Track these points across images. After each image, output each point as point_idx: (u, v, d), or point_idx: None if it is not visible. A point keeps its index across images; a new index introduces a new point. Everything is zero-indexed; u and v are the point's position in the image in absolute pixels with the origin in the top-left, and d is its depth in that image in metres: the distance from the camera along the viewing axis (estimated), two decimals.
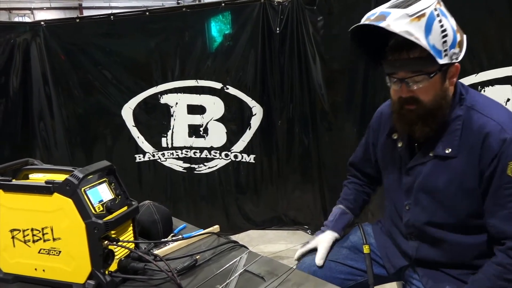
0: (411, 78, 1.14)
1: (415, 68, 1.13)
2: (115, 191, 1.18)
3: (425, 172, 1.22)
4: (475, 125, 1.14)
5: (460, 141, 1.16)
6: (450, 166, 1.17)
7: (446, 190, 1.19)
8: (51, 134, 3.30)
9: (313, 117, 3.00)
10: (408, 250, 1.32)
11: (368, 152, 1.49)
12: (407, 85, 1.15)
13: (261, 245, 3.05)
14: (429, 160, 1.21)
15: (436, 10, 1.09)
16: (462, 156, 1.15)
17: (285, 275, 1.13)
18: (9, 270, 1.17)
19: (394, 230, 1.38)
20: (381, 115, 1.43)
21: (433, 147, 1.20)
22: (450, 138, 1.17)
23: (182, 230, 1.49)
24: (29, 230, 1.12)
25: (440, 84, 1.15)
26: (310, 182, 3.15)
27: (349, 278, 1.38)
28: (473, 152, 1.14)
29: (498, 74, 2.05)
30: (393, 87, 1.20)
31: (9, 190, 1.13)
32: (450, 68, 1.15)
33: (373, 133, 1.45)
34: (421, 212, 1.25)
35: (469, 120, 1.16)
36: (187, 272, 1.17)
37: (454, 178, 1.17)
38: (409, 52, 1.12)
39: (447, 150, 1.17)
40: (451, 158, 1.17)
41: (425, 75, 1.13)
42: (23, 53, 3.13)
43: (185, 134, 3.20)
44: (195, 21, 3.05)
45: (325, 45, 2.82)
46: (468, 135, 1.15)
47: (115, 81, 3.17)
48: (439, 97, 1.15)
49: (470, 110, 1.17)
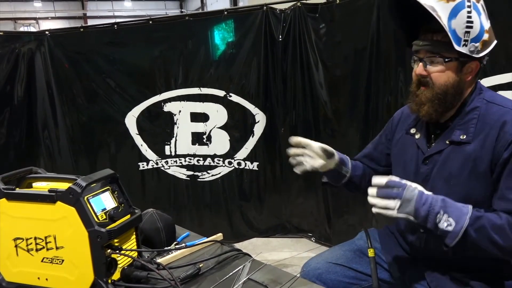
0: (428, 58, 1.21)
1: (434, 50, 1.20)
2: (118, 199, 1.18)
3: (442, 160, 1.25)
4: (494, 115, 1.18)
5: (475, 129, 1.19)
6: (464, 151, 1.20)
7: (459, 175, 1.20)
8: (55, 142, 3.32)
9: (316, 123, 3.00)
10: (416, 243, 1.32)
11: (378, 147, 1.51)
12: (424, 65, 1.22)
13: (265, 253, 3.04)
14: (445, 148, 1.24)
15: (470, 2, 1.14)
16: (476, 142, 1.18)
17: (288, 283, 1.12)
18: (12, 279, 1.17)
19: (405, 224, 1.37)
20: (402, 113, 1.47)
21: (450, 136, 1.24)
22: (466, 126, 1.21)
23: (185, 238, 1.48)
24: (32, 239, 1.12)
25: (454, 72, 1.20)
26: (314, 189, 3.14)
27: (353, 282, 1.39)
28: (489, 139, 1.16)
29: (501, 80, 2.04)
30: (415, 67, 1.27)
31: (12, 199, 1.13)
32: (469, 63, 1.20)
33: (391, 128, 1.48)
34: None
35: (487, 111, 1.20)
36: (190, 280, 1.16)
37: (467, 163, 1.19)
38: (433, 35, 1.20)
39: (462, 136, 1.21)
40: (465, 144, 1.20)
41: (441, 58, 1.19)
42: (28, 62, 3.17)
43: (188, 142, 3.21)
44: (198, 29, 3.08)
45: (328, 52, 2.83)
46: (485, 124, 1.18)
47: (119, 89, 3.19)
48: (450, 85, 1.20)
49: (489, 104, 1.21)
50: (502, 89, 2.04)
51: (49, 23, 20.53)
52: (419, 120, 1.35)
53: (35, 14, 21.40)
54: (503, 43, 2.02)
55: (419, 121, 1.35)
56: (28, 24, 21.68)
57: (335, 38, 2.79)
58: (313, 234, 3.23)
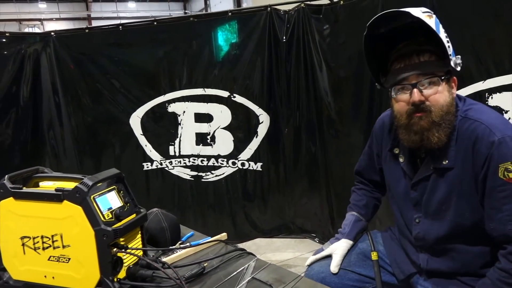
0: (423, 81, 1.14)
1: (427, 71, 1.14)
2: (124, 199, 1.19)
3: (430, 186, 1.22)
4: (467, 132, 1.15)
5: (455, 151, 1.16)
6: (448, 177, 1.18)
7: (449, 201, 1.19)
8: (60, 143, 3.33)
9: (320, 124, 3.01)
10: (418, 261, 1.31)
11: (372, 159, 1.50)
12: (419, 90, 1.15)
13: (269, 253, 3.04)
14: (431, 173, 1.22)
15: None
16: (458, 165, 1.16)
17: (293, 282, 1.13)
18: (19, 277, 1.18)
19: (405, 241, 1.38)
20: (383, 124, 1.41)
21: (433, 160, 1.20)
22: (447, 150, 1.17)
23: (190, 238, 1.49)
24: (39, 238, 1.13)
25: (447, 91, 1.16)
26: (317, 190, 3.15)
27: (357, 285, 1.38)
28: (466, 159, 1.14)
29: (505, 81, 2.04)
30: (401, 97, 1.18)
31: (19, 198, 1.14)
32: (452, 77, 1.18)
33: (377, 143, 1.44)
34: (430, 225, 1.25)
35: (462, 128, 1.16)
36: (195, 279, 1.17)
37: (454, 189, 1.17)
38: (419, 56, 1.15)
39: (444, 162, 1.18)
40: (449, 170, 1.17)
41: (437, 78, 1.14)
42: (34, 63, 3.19)
43: (192, 142, 3.22)
44: (203, 30, 3.09)
45: (331, 53, 2.84)
46: (462, 143, 1.15)
47: (124, 90, 3.21)
48: (448, 103, 1.16)
49: (463, 119, 1.17)
50: (506, 90, 2.04)
51: (54, 24, 20.65)
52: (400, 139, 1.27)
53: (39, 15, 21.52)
54: (507, 44, 2.03)
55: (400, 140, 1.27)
56: (32, 25, 21.80)
57: (339, 39, 2.79)
58: (316, 235, 3.23)
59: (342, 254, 1.39)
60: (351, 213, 1.52)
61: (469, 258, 1.21)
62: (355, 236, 1.46)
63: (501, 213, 1.11)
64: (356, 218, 1.49)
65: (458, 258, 1.23)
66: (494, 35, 2.02)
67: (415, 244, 1.31)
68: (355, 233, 1.46)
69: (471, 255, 1.21)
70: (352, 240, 1.45)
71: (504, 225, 1.10)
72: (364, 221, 1.50)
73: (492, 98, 2.06)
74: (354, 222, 1.48)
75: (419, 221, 1.28)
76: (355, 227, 1.47)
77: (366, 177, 1.56)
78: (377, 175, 1.51)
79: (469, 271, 1.23)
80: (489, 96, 2.07)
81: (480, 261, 1.21)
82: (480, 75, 2.07)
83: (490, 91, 2.06)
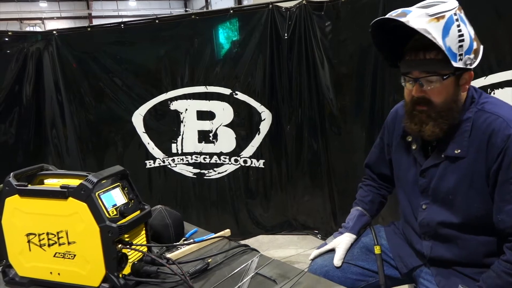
0: (424, 78, 1.17)
1: (429, 69, 1.16)
2: (128, 196, 1.20)
3: (438, 174, 1.24)
4: (483, 125, 1.16)
5: (469, 142, 1.18)
6: (460, 166, 1.19)
7: (458, 190, 1.20)
8: (63, 141, 3.34)
9: (322, 121, 3.01)
10: (422, 250, 1.32)
11: (383, 151, 1.51)
12: (420, 85, 1.18)
13: (271, 250, 3.05)
14: (441, 161, 1.23)
15: (456, 15, 1.12)
16: (470, 156, 1.18)
17: (296, 277, 1.14)
18: (25, 274, 1.19)
19: (409, 230, 1.39)
20: (396, 114, 1.44)
21: (445, 149, 1.22)
22: (459, 139, 1.19)
23: (193, 234, 1.50)
24: (44, 234, 1.14)
25: (452, 88, 1.17)
26: (320, 187, 3.15)
27: (360, 279, 1.39)
28: (480, 151, 1.16)
29: (507, 76, 2.04)
30: (407, 87, 1.23)
31: (25, 195, 1.15)
32: (463, 74, 1.18)
33: (388, 134, 1.46)
34: (436, 212, 1.27)
35: (478, 121, 1.18)
36: (199, 275, 1.18)
37: (464, 178, 1.19)
38: (425, 53, 1.16)
39: (457, 151, 1.19)
40: (460, 159, 1.19)
41: (439, 77, 1.16)
42: (36, 62, 3.19)
43: (194, 140, 3.23)
44: (204, 28, 3.09)
45: (333, 50, 2.84)
46: (477, 135, 1.17)
47: (126, 88, 3.21)
48: (450, 100, 1.18)
49: (479, 112, 1.19)
50: (508, 86, 2.04)
51: (55, 23, 20.65)
52: None
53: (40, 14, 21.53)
54: (509, 40, 2.03)
55: None
56: (34, 24, 21.81)
57: (341, 36, 2.80)
58: (319, 231, 3.24)
59: (345, 248, 1.41)
60: (355, 208, 1.53)
61: (473, 246, 1.23)
62: (358, 231, 1.47)
63: (510, 206, 1.12)
64: (360, 213, 1.51)
65: (462, 245, 1.24)
66: (496, 31, 2.02)
67: (419, 232, 1.32)
68: (359, 227, 1.48)
69: (476, 243, 1.22)
70: (356, 234, 1.46)
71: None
72: (368, 217, 1.51)
73: (494, 93, 2.07)
74: (358, 216, 1.49)
75: (426, 207, 1.29)
76: (359, 221, 1.48)
77: (375, 170, 1.57)
78: (386, 168, 1.51)
79: (472, 260, 1.24)
80: (491, 92, 2.07)
81: (484, 249, 1.22)
82: (482, 70, 2.08)
83: (492, 87, 2.06)
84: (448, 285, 1.24)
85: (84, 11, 22.36)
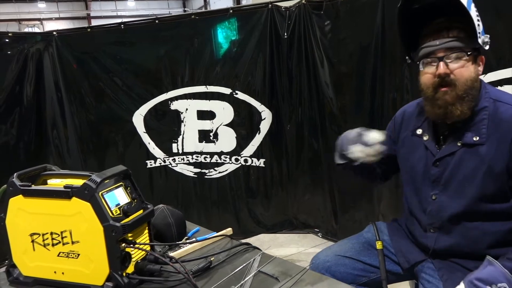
0: (449, 55, 1.20)
1: (455, 45, 1.19)
2: (131, 195, 1.20)
3: (454, 162, 1.25)
4: (504, 115, 1.19)
5: (487, 130, 1.20)
6: (478, 153, 1.21)
7: (474, 176, 1.22)
8: (64, 142, 3.35)
9: (322, 120, 3.02)
10: (427, 242, 1.33)
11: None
12: (446, 63, 1.20)
13: (273, 249, 3.06)
14: (457, 149, 1.25)
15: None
16: (489, 143, 1.19)
17: (298, 275, 1.15)
18: (29, 273, 1.20)
19: (413, 224, 1.39)
20: (404, 113, 1.47)
21: (461, 137, 1.24)
22: (477, 127, 1.22)
23: (195, 233, 1.51)
24: (48, 234, 1.15)
25: (473, 67, 1.21)
26: (320, 185, 3.16)
27: (362, 274, 1.41)
28: (503, 140, 1.17)
29: (507, 74, 2.05)
30: (428, 70, 1.24)
31: (28, 195, 1.16)
32: (479, 56, 1.23)
33: (394, 129, 1.48)
34: (447, 202, 1.28)
35: (496, 111, 1.21)
36: (202, 273, 1.19)
37: (482, 165, 1.20)
38: (448, 32, 1.20)
39: (475, 138, 1.21)
40: (479, 145, 1.21)
41: (463, 53, 1.19)
42: (36, 63, 3.20)
43: (195, 140, 3.24)
44: (204, 28, 3.10)
45: (333, 49, 2.85)
46: (496, 124, 1.19)
47: (126, 88, 3.22)
48: (473, 79, 1.21)
49: (496, 102, 1.22)
50: (507, 84, 2.05)
51: (53, 24, 20.62)
52: (424, 121, 1.35)
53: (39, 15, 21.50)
54: (508, 38, 2.04)
55: (424, 122, 1.35)
56: (32, 25, 21.78)
57: (340, 35, 2.80)
58: (319, 230, 3.25)
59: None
60: None
61: (478, 236, 1.24)
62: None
63: None
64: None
65: (467, 235, 1.25)
66: (495, 29, 2.03)
67: (426, 223, 1.33)
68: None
69: (481, 232, 1.24)
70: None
71: None
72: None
73: None
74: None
75: (436, 197, 1.30)
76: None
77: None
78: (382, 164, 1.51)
79: (475, 250, 1.24)
80: None
81: (488, 239, 1.23)
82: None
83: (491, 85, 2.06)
84: (452, 278, 1.24)
85: (82, 11, 22.33)
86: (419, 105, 1.39)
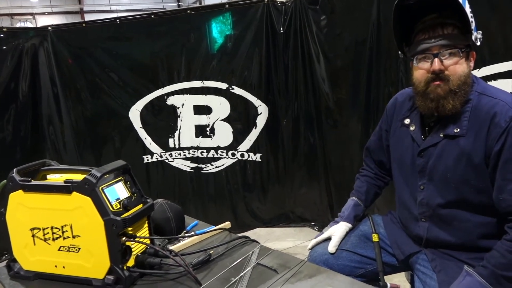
0: (444, 52, 1.22)
1: (450, 42, 1.22)
2: (131, 189, 1.22)
3: (437, 153, 1.28)
4: (485, 107, 1.22)
5: (468, 122, 1.23)
6: (458, 144, 1.24)
7: (455, 168, 1.24)
8: (60, 137, 3.35)
9: (318, 115, 3.03)
10: (419, 232, 1.36)
11: (381, 139, 1.55)
12: (440, 60, 1.22)
13: (269, 243, 3.09)
14: (440, 141, 1.28)
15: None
16: (470, 134, 1.22)
17: (297, 267, 1.17)
18: (30, 267, 1.21)
19: (406, 215, 1.42)
20: (395, 100, 1.49)
21: (444, 129, 1.27)
22: (459, 120, 1.24)
23: (194, 227, 1.53)
24: (49, 229, 1.16)
25: (466, 63, 1.24)
26: (316, 179, 3.18)
27: (359, 266, 1.43)
28: (481, 130, 1.20)
29: (500, 68, 2.07)
30: (422, 65, 1.26)
31: (29, 190, 1.17)
32: (471, 51, 1.25)
33: (387, 119, 1.51)
34: (434, 190, 1.30)
35: (479, 103, 1.23)
36: (202, 266, 1.21)
37: (462, 156, 1.23)
38: (443, 29, 1.23)
39: (456, 130, 1.24)
40: (459, 137, 1.24)
41: (457, 50, 1.21)
42: (31, 58, 3.19)
43: (192, 135, 3.24)
44: (200, 22, 3.09)
45: (329, 44, 2.85)
46: (477, 116, 1.22)
47: (122, 83, 3.22)
48: (465, 74, 1.23)
49: (480, 95, 1.24)
50: (501, 78, 2.07)
51: (46, 19, 20.41)
52: (413, 110, 1.38)
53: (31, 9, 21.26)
54: (502, 33, 2.06)
55: (413, 111, 1.38)
56: (25, 20, 21.55)
57: (336, 30, 2.81)
58: (316, 223, 3.28)
59: (340, 235, 1.46)
60: (351, 198, 1.59)
61: (469, 227, 1.27)
62: (353, 219, 1.52)
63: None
64: (355, 203, 1.56)
65: (458, 226, 1.28)
66: (489, 24, 2.05)
67: (417, 213, 1.36)
68: (353, 216, 1.53)
69: (471, 224, 1.26)
70: (351, 223, 1.51)
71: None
72: (362, 206, 1.56)
73: None
74: (353, 206, 1.55)
75: (424, 187, 1.33)
76: (354, 211, 1.54)
77: (374, 156, 1.61)
78: (384, 155, 1.56)
79: (467, 241, 1.28)
80: None
81: (479, 231, 1.26)
82: (475, 63, 2.10)
83: (485, 79, 2.09)
84: (444, 269, 1.27)
85: (75, 5, 22.10)
86: (410, 94, 1.41)
